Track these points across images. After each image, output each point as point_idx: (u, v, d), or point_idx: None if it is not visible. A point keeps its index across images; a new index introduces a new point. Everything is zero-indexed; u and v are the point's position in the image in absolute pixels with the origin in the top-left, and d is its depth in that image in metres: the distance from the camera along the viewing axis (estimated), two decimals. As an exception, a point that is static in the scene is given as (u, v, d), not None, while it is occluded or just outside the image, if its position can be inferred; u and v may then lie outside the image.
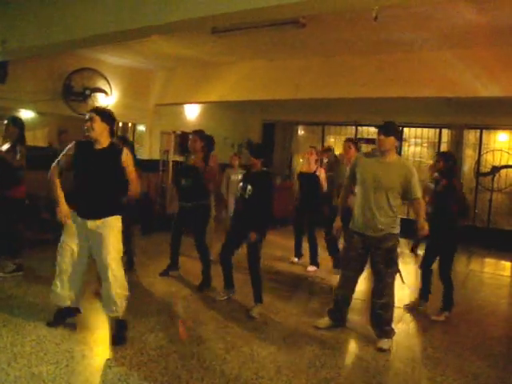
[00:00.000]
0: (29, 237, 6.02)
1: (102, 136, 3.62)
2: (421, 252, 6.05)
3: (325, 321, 4.23)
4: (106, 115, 3.67)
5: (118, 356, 3.41)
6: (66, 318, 3.84)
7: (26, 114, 7.85)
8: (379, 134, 3.86)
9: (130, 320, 3.84)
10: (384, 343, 3.86)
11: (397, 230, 3.93)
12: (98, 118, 3.59)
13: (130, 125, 9.81)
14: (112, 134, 3.75)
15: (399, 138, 4.02)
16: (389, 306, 3.94)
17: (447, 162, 4.83)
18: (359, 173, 4.00)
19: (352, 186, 4.20)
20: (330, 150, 7.81)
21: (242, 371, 3.27)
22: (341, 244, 5.68)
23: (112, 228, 3.61)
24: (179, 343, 3.68)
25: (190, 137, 5.45)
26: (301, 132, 11.60)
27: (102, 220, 3.59)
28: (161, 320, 4.17)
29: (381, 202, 3.85)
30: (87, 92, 7.69)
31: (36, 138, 7.96)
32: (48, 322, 3.81)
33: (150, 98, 9.13)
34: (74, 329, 3.78)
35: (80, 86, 7.62)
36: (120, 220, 3.71)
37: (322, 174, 6.34)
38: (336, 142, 10.91)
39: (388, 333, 3.93)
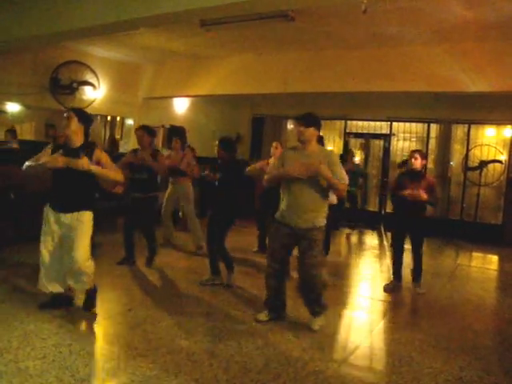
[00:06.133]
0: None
1: None
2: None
3: None
4: None
5: (106, 351, 3.41)
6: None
7: (13, 108, 7.76)
8: (299, 125, 3.80)
9: (119, 315, 3.82)
10: (315, 322, 4.04)
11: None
12: None
13: (118, 119, 9.74)
14: None
15: (319, 128, 3.89)
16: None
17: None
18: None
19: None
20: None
21: (230, 364, 3.27)
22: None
23: None
24: (167, 337, 3.68)
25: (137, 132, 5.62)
26: (290, 126, 11.56)
27: None
28: (149, 314, 4.16)
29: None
30: (74, 85, 7.61)
31: (23, 132, 7.90)
32: None
33: (138, 92, 9.06)
34: (61, 324, 3.76)
35: (67, 79, 7.53)
36: None
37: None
38: (325, 136, 10.91)
39: (318, 312, 4.09)
